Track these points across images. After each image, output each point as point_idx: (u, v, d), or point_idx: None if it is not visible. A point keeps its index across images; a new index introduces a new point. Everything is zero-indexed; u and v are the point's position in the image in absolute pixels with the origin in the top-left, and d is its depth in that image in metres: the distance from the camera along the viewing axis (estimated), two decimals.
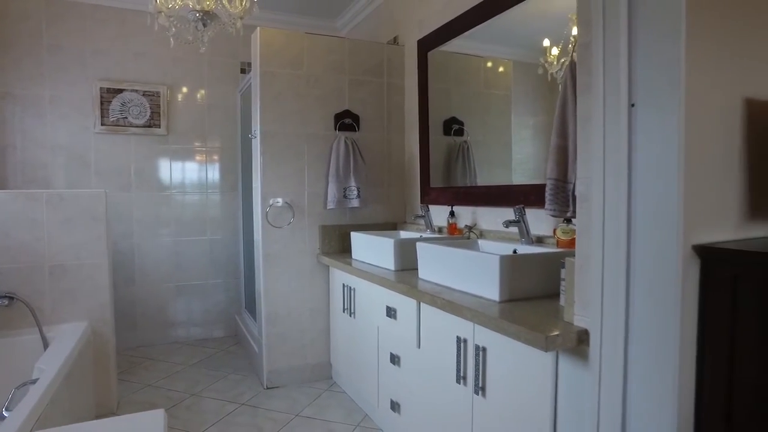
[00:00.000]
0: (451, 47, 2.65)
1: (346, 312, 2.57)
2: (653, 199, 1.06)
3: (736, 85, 1.29)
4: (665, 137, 1.04)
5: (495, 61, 2.56)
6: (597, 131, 1.12)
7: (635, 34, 1.08)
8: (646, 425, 1.10)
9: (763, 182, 1.36)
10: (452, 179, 2.69)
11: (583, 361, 1.22)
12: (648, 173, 1.07)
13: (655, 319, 1.08)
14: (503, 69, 2.56)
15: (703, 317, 1.22)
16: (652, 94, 1.05)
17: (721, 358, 1.18)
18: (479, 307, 1.45)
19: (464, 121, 2.74)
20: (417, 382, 1.91)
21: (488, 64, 2.60)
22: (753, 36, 1.28)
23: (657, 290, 1.07)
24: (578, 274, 1.22)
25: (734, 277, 1.17)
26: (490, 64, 2.59)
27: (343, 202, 2.79)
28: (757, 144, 1.34)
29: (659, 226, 1.06)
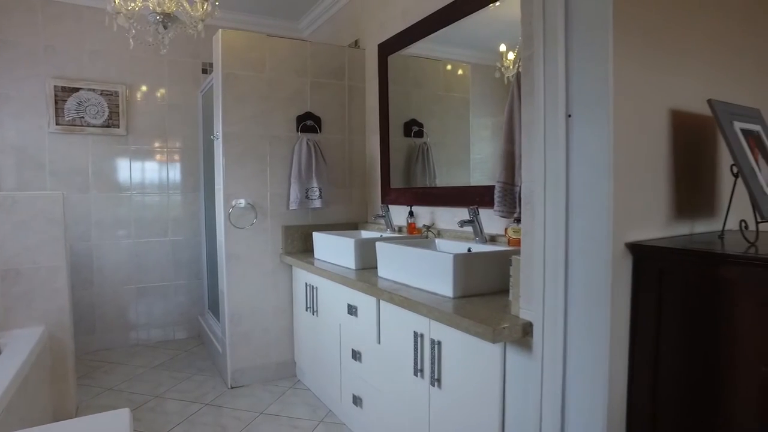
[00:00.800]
0: (411, 51, 2.73)
1: (309, 310, 2.62)
2: (588, 201, 1.17)
3: (663, 98, 1.42)
4: (597, 146, 1.14)
5: (454, 65, 2.65)
6: (538, 139, 1.22)
7: (571, 52, 1.18)
8: (582, 407, 1.21)
9: (686, 186, 1.50)
10: (412, 180, 2.77)
11: (528, 351, 1.32)
12: (583, 178, 1.17)
13: (590, 310, 1.19)
14: (462, 72, 2.65)
15: (636, 306, 1.35)
16: (586, 106, 1.16)
17: (649, 341, 1.30)
18: (434, 303, 1.53)
19: (424, 123, 2.82)
20: (378, 377, 1.98)
21: (448, 67, 2.69)
22: (677, 55, 1.41)
23: (591, 284, 1.18)
24: (523, 270, 1.32)
25: (660, 271, 1.30)
26: (450, 67, 2.68)
27: (306, 203, 2.83)
28: (681, 151, 1.48)
29: (593, 226, 1.17)
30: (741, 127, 1.38)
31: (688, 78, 1.48)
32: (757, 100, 1.71)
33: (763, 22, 1.76)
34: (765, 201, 1.29)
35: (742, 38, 1.68)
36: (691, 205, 1.54)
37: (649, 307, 1.32)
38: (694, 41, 1.50)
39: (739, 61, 1.66)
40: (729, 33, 1.62)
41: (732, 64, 1.64)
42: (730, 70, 1.63)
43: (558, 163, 1.19)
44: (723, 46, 1.60)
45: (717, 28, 1.57)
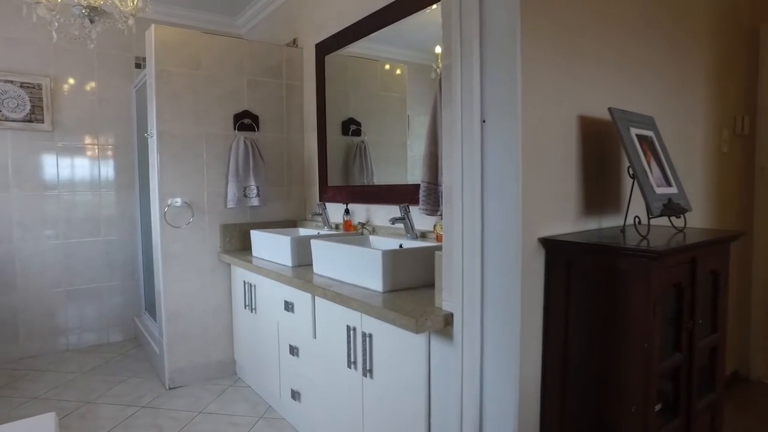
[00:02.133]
0: (349, 51, 2.78)
1: (247, 308, 2.63)
2: (500, 201, 1.28)
3: (572, 105, 1.55)
4: (508, 150, 1.25)
5: (392, 65, 2.72)
6: (456, 143, 1.32)
7: (485, 63, 1.28)
8: (497, 390, 1.32)
9: (595, 185, 1.64)
10: (350, 178, 2.83)
11: (450, 341, 1.42)
12: (496, 180, 1.28)
13: (504, 300, 1.30)
14: (400, 72, 2.73)
15: (548, 294, 1.48)
16: (498, 113, 1.26)
17: (560, 325, 1.43)
18: (365, 297, 1.61)
19: (362, 122, 2.89)
20: (314, 371, 2.04)
21: (386, 66, 2.76)
22: (585, 66, 1.55)
23: (504, 277, 1.29)
24: (444, 265, 1.41)
25: (568, 263, 1.43)
26: (388, 67, 2.75)
27: (243, 201, 2.83)
28: (590, 153, 1.62)
29: (505, 223, 1.27)
30: (636, 132, 1.53)
31: (595, 87, 1.63)
32: (650, 108, 1.90)
33: (659, 38, 1.94)
34: (654, 199, 1.44)
35: (642, 52, 1.85)
36: (599, 202, 1.69)
37: (559, 295, 1.45)
38: (599, 54, 1.64)
39: (638, 72, 1.84)
40: (630, 47, 1.78)
41: (633, 75, 1.81)
42: (631, 80, 1.80)
43: (474, 166, 1.29)
44: (625, 58, 1.76)
45: (620, 43, 1.72)
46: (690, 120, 2.22)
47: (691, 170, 2.24)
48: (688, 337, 1.45)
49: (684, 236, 1.54)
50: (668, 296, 1.43)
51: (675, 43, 2.07)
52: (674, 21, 2.06)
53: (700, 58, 2.26)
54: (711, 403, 1.61)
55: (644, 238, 1.42)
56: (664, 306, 1.44)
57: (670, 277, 1.35)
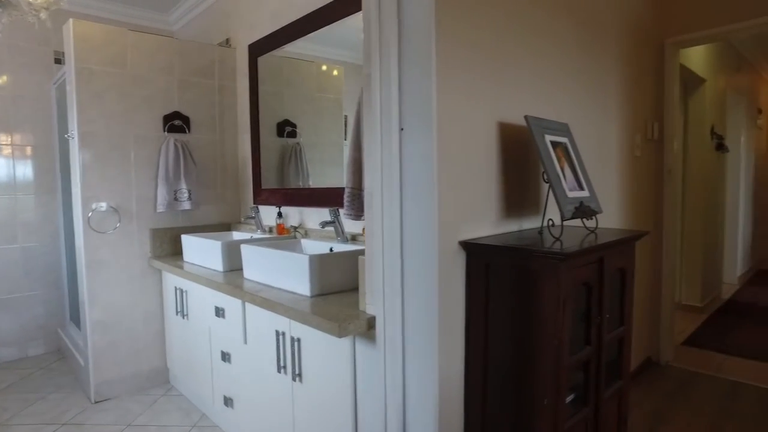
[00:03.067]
0: (284, 52, 2.75)
1: (179, 314, 2.56)
2: (419, 206, 1.32)
3: (492, 111, 1.62)
4: (424, 157, 1.29)
5: (329, 66, 2.71)
6: (376, 150, 1.35)
7: (403, 73, 1.31)
8: (419, 390, 1.36)
9: (515, 188, 1.72)
10: (286, 180, 2.81)
11: (374, 343, 1.45)
12: (414, 186, 1.31)
13: (423, 302, 1.34)
14: (337, 73, 2.73)
15: (469, 295, 1.53)
16: (415, 121, 1.30)
17: (480, 324, 1.49)
18: (292, 302, 1.61)
19: (297, 124, 2.87)
20: (246, 376, 2.02)
21: (323, 67, 2.75)
22: (504, 74, 1.62)
23: (423, 279, 1.33)
24: (367, 269, 1.44)
25: (487, 265, 1.49)
26: (325, 68, 2.75)
27: (174, 205, 2.75)
28: (510, 158, 1.70)
29: (423, 228, 1.32)
30: (551, 139, 1.62)
31: (514, 95, 1.71)
32: (567, 115, 2.01)
33: (576, 49, 2.06)
34: (567, 203, 1.53)
35: (560, 62, 1.96)
36: (519, 205, 1.78)
37: (479, 296, 1.51)
38: (519, 63, 1.72)
39: (557, 81, 1.94)
40: (549, 57, 1.88)
41: (551, 83, 1.91)
42: (549, 88, 1.89)
43: (393, 172, 1.32)
44: (544, 67, 1.86)
45: (538, 53, 1.82)
46: (605, 126, 2.36)
47: (608, 173, 2.39)
48: (597, 332, 1.55)
49: (595, 237, 1.64)
50: (578, 294, 1.53)
51: (591, 54, 2.20)
52: (590, 33, 2.19)
53: (613, 69, 2.41)
54: (618, 390, 1.73)
55: (557, 240, 1.51)
56: (575, 303, 1.54)
57: (579, 277, 1.44)
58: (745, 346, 3.30)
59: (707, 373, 2.88)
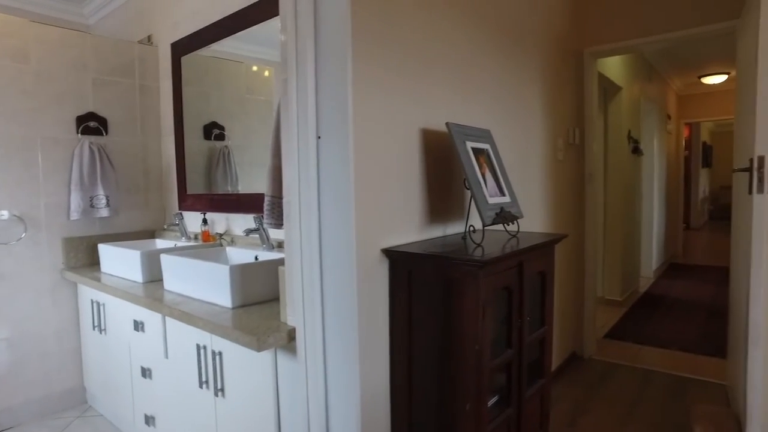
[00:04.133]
0: (210, 51, 2.64)
1: (96, 329, 2.40)
2: (337, 215, 1.30)
3: (415, 118, 1.62)
4: (342, 165, 1.27)
5: (260, 67, 2.63)
6: (293, 158, 1.31)
7: (320, 78, 1.29)
8: (342, 402, 1.34)
9: (439, 194, 1.74)
10: (213, 185, 2.71)
11: (295, 356, 1.41)
12: (331, 194, 1.29)
13: (343, 312, 1.32)
14: (268, 74, 2.65)
15: (393, 302, 1.53)
16: (332, 129, 1.28)
17: (404, 332, 1.49)
18: (212, 315, 1.54)
19: (226, 126, 2.77)
20: (167, 393, 1.92)
21: (253, 68, 2.67)
22: (427, 81, 1.63)
23: (343, 289, 1.31)
24: (287, 279, 1.40)
25: (409, 272, 1.50)
26: (255, 69, 2.66)
27: (90, 212, 2.57)
28: (433, 164, 1.72)
29: (342, 236, 1.30)
30: (472, 146, 1.65)
31: (437, 102, 1.72)
32: (490, 121, 2.06)
33: (499, 56, 2.11)
34: (487, 209, 1.57)
35: (484, 68, 2.00)
36: (444, 210, 1.80)
37: (402, 303, 1.51)
38: (442, 70, 1.75)
39: (480, 87, 1.98)
40: (472, 63, 1.92)
41: (474, 90, 1.95)
42: (472, 95, 1.93)
43: (311, 181, 1.29)
44: (467, 74, 1.89)
45: (462, 60, 1.85)
46: (529, 131, 2.45)
47: (532, 177, 2.48)
48: (518, 334, 1.60)
49: (516, 241, 1.69)
50: (499, 298, 1.57)
51: (514, 61, 2.27)
52: (513, 41, 2.26)
53: (536, 76, 2.50)
54: (540, 388, 1.79)
55: (478, 246, 1.54)
56: (496, 308, 1.58)
57: (500, 282, 1.48)
58: (658, 336, 3.53)
59: (625, 364, 3.06)
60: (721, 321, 3.81)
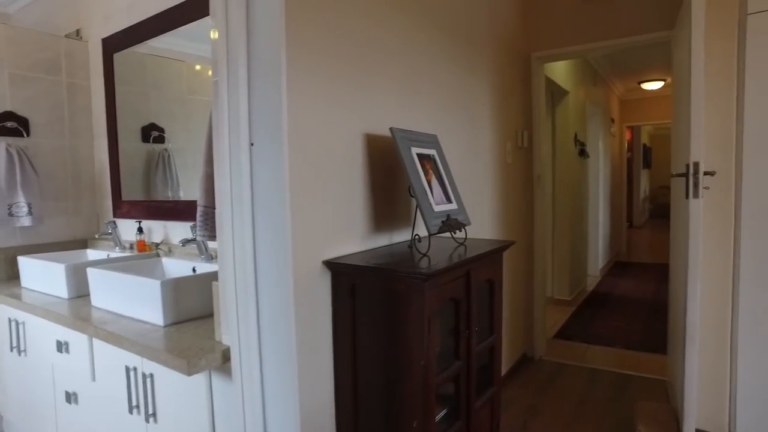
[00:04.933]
0: (148, 48, 2.48)
1: (14, 350, 2.19)
2: (272, 226, 1.21)
3: (358, 123, 1.56)
4: (276, 174, 1.19)
5: (203, 65, 2.49)
6: (225, 166, 1.22)
7: (253, 81, 1.20)
8: (281, 423, 1.26)
9: (385, 201, 1.69)
10: (153, 190, 2.54)
11: (230, 377, 1.32)
12: (266, 205, 1.21)
13: (280, 329, 1.24)
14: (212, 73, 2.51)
15: (336, 316, 1.47)
16: (267, 135, 1.19)
17: (348, 346, 1.43)
18: (141, 335, 1.42)
19: (165, 128, 2.61)
20: (95, 419, 1.77)
21: (197, 67, 2.52)
22: (371, 86, 1.57)
23: (281, 305, 1.23)
24: (221, 295, 1.30)
25: (353, 285, 1.43)
26: (199, 68, 2.52)
27: (9, 222, 2.36)
28: (378, 171, 1.66)
29: (278, 248, 1.22)
30: (418, 151, 1.60)
31: (382, 106, 1.67)
32: (438, 126, 2.03)
33: (447, 60, 2.08)
34: (432, 217, 1.52)
35: (431, 72, 1.96)
36: (390, 218, 1.74)
37: (346, 316, 1.44)
38: (386, 74, 1.69)
39: (427, 91, 1.94)
40: (419, 67, 1.87)
41: (422, 94, 1.90)
42: (419, 99, 1.89)
43: (243, 190, 1.20)
44: (414, 78, 1.84)
45: (408, 64, 1.80)
46: (477, 135, 2.44)
47: (481, 180, 2.47)
48: (466, 345, 1.56)
49: (464, 249, 1.66)
50: (446, 310, 1.53)
51: (463, 65, 2.25)
52: (463, 45, 2.24)
53: (484, 79, 2.50)
54: (491, 396, 1.77)
55: (424, 256, 1.49)
56: (443, 319, 1.54)
57: (446, 293, 1.43)
58: (603, 334, 3.63)
59: (573, 364, 3.11)
60: (662, 317, 3.96)
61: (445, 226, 1.55)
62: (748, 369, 2.09)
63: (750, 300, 2.06)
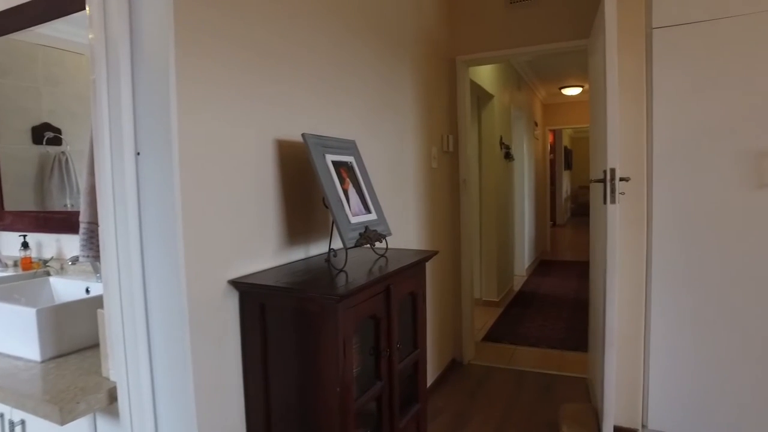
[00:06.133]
0: (35, 37, 2.19)
1: None
2: (164, 244, 1.07)
3: (267, 128, 1.43)
4: (167, 186, 1.05)
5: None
6: (106, 178, 1.06)
7: (138, 81, 1.05)
8: None
9: (298, 212, 1.57)
10: (47, 199, 2.26)
11: (118, 419, 1.15)
12: (156, 220, 1.06)
13: (178, 361, 1.10)
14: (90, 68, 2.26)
15: (245, 339, 1.34)
16: (155, 142, 1.05)
17: (259, 371, 1.31)
18: (8, 375, 1.21)
19: (62, 128, 2.33)
20: None
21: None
22: (279, 87, 1.44)
23: (175, 334, 1.09)
24: (106, 325, 1.14)
25: (262, 306, 1.31)
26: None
27: None
28: (291, 180, 1.54)
29: (171, 270, 1.07)
30: (333, 158, 1.50)
31: (296, 110, 1.55)
32: (359, 131, 1.94)
33: (369, 63, 2.00)
34: (349, 230, 1.43)
35: (352, 75, 1.86)
36: (306, 230, 1.63)
37: (256, 340, 1.32)
38: (300, 76, 1.57)
39: (347, 95, 1.84)
40: (337, 69, 1.76)
41: (340, 97, 1.80)
42: (337, 103, 1.78)
43: (129, 204, 1.05)
44: (332, 81, 1.74)
45: (325, 66, 1.69)
46: (402, 140, 2.37)
47: (405, 187, 2.41)
48: (387, 365, 1.48)
49: (385, 261, 1.58)
50: (365, 328, 1.44)
51: (387, 67, 2.17)
52: (386, 46, 2.16)
53: (409, 83, 2.44)
54: (416, 413, 1.70)
55: (341, 272, 1.40)
56: (363, 337, 1.45)
57: (364, 311, 1.34)
58: (529, 334, 3.71)
59: (501, 367, 3.14)
60: (583, 315, 4.12)
61: (363, 239, 1.46)
62: (658, 366, 2.18)
63: (660, 302, 2.14)
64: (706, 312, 2.07)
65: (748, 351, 2.01)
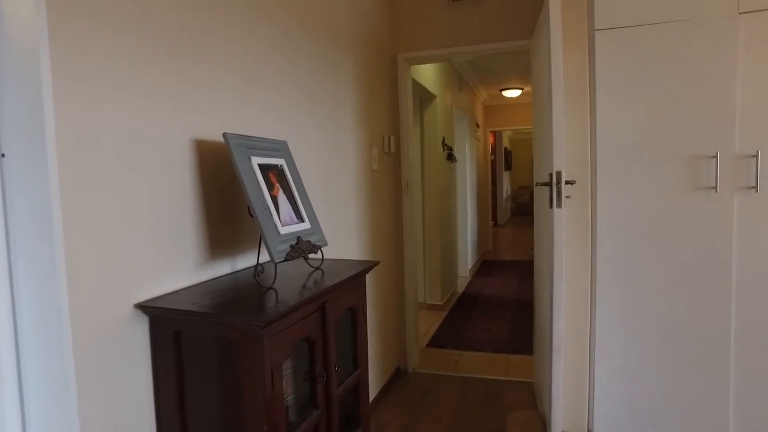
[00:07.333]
0: None
1: None
2: (39, 266, 0.86)
3: (184, 127, 1.25)
4: (41, 195, 0.84)
5: None
6: None
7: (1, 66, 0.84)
8: None
9: (222, 222, 1.38)
10: None
11: None
12: (29, 237, 0.85)
13: (60, 412, 0.89)
14: None
15: (157, 370, 1.14)
16: (24, 142, 0.84)
17: (173, 407, 1.12)
18: None
19: None
20: None
21: None
22: (199, 82, 1.25)
23: (57, 378, 0.88)
24: None
25: (177, 332, 1.12)
26: None
27: None
28: (213, 185, 1.35)
29: (48, 298, 0.86)
30: (260, 161, 1.33)
31: (221, 108, 1.36)
32: (292, 131, 1.77)
33: (303, 59, 1.82)
34: (279, 241, 1.26)
35: (285, 71, 1.68)
36: (232, 241, 1.44)
37: (169, 370, 1.13)
38: (225, 67, 1.39)
39: (278, 93, 1.66)
40: (265, 63, 1.59)
41: (268, 94, 1.62)
42: (266, 100, 1.60)
43: None
44: (262, 76, 1.56)
45: (254, 59, 1.51)
46: (340, 140, 2.22)
47: (344, 191, 2.25)
48: (324, 390, 1.32)
49: (321, 274, 1.42)
50: (298, 352, 1.28)
51: (323, 63, 2.01)
52: (321, 41, 1.99)
53: (348, 81, 2.29)
54: None
55: (269, 289, 1.23)
56: (296, 362, 1.29)
57: (296, 334, 1.18)
58: (474, 338, 3.66)
59: (446, 374, 3.05)
60: (527, 317, 4.13)
61: (295, 251, 1.29)
62: (603, 371, 2.15)
63: (604, 306, 2.11)
64: (648, 315, 2.06)
65: (690, 355, 2.01)
